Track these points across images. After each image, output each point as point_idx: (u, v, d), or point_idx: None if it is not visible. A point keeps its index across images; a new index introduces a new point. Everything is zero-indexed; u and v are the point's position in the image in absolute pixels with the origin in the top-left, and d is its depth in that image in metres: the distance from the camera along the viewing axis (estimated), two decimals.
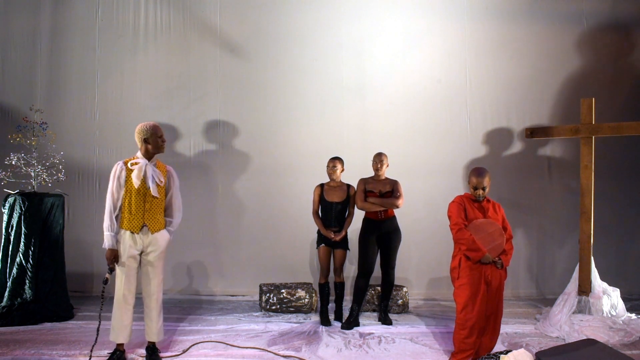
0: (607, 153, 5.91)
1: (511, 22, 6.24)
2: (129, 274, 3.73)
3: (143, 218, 3.74)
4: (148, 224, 3.76)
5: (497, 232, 3.82)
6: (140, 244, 3.75)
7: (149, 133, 3.76)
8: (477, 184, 3.86)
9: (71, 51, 6.22)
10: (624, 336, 4.45)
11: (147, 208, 3.75)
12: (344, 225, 4.98)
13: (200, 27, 6.24)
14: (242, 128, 6.21)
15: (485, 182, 3.86)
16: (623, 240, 6.24)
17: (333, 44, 6.24)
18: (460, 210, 3.89)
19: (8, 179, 4.95)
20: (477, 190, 3.87)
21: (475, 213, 3.89)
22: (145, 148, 3.79)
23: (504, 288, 3.92)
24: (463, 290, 3.80)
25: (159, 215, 3.83)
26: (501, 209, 4.02)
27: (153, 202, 3.77)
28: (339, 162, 5.01)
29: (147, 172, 3.75)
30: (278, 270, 6.04)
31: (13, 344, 4.17)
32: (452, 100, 6.23)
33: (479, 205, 3.93)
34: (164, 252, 3.87)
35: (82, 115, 6.18)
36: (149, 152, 3.80)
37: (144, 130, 3.77)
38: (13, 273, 4.85)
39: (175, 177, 3.97)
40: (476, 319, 3.76)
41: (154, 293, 3.83)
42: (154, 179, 3.76)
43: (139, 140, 3.79)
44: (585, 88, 6.05)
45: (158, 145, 3.81)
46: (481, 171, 3.89)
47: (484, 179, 3.85)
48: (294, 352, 4.10)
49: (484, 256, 3.75)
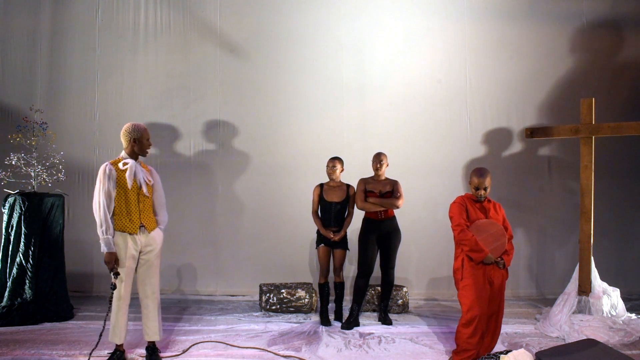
0: (607, 153, 5.91)
1: (511, 22, 6.24)
2: (128, 274, 3.70)
3: (140, 218, 3.73)
4: (145, 223, 3.76)
5: (499, 233, 3.82)
6: (139, 244, 3.73)
7: (140, 134, 3.72)
8: (478, 184, 3.85)
9: (71, 51, 6.22)
10: (624, 336, 4.45)
11: (142, 208, 3.74)
12: (343, 225, 4.98)
13: (200, 27, 6.24)
14: (242, 128, 6.21)
15: (486, 183, 3.85)
16: (623, 240, 6.24)
17: (333, 44, 6.24)
18: (462, 210, 3.88)
19: (8, 179, 4.95)
20: (478, 190, 3.86)
21: (477, 213, 3.88)
22: (131, 148, 3.73)
23: (505, 288, 3.92)
24: (468, 290, 3.79)
25: (151, 214, 3.84)
26: (502, 209, 4.01)
27: (146, 202, 3.78)
28: (338, 162, 5.01)
29: (137, 171, 3.72)
30: (278, 270, 6.05)
31: (13, 344, 4.17)
32: (452, 100, 6.23)
33: (480, 205, 3.92)
34: (160, 251, 3.87)
35: (82, 115, 6.19)
36: (134, 153, 3.75)
37: (135, 130, 3.71)
38: (13, 273, 4.85)
39: (157, 176, 3.95)
40: (481, 319, 3.76)
41: (153, 292, 3.82)
42: (144, 178, 3.75)
43: (127, 139, 3.72)
44: (585, 88, 6.04)
45: (144, 147, 3.77)
46: (483, 171, 3.89)
47: (485, 179, 3.85)
48: (294, 352, 4.09)
49: (487, 257, 3.75)
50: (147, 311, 3.84)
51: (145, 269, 3.80)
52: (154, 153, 6.18)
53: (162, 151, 6.20)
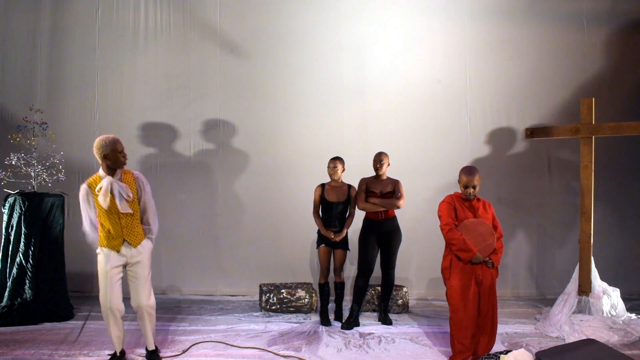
0: (607, 153, 5.91)
1: (511, 22, 6.23)
2: (112, 285, 3.62)
3: (122, 235, 3.63)
4: (128, 239, 3.64)
5: (488, 232, 3.82)
6: (124, 257, 3.66)
7: (108, 149, 3.55)
8: (467, 182, 3.86)
9: (71, 51, 6.22)
10: (624, 336, 4.45)
11: (124, 224, 3.63)
12: (344, 226, 4.98)
13: (200, 27, 6.23)
14: (242, 128, 6.21)
15: (475, 181, 3.86)
16: (623, 240, 6.23)
17: (333, 44, 6.24)
18: (450, 209, 3.89)
19: (8, 179, 4.96)
20: (467, 188, 3.87)
21: (466, 212, 3.89)
22: (105, 164, 3.60)
23: (496, 287, 3.91)
24: (454, 291, 3.82)
25: (137, 227, 3.69)
26: (491, 208, 4.02)
27: (128, 217, 3.64)
28: (339, 163, 5.01)
29: (114, 190, 3.56)
30: (278, 270, 6.04)
31: (13, 344, 4.17)
32: (452, 100, 6.23)
33: (469, 204, 3.93)
34: (149, 261, 3.75)
35: (82, 115, 6.18)
36: (109, 168, 3.61)
37: (102, 146, 3.55)
38: (13, 273, 4.85)
39: (144, 182, 3.77)
40: (469, 320, 3.76)
41: (143, 302, 3.71)
42: (122, 195, 3.57)
43: (99, 156, 3.58)
44: (585, 88, 6.04)
45: (118, 160, 3.60)
46: (471, 170, 3.90)
47: (474, 177, 3.85)
48: (294, 352, 4.10)
49: (475, 256, 3.75)
50: (141, 321, 3.78)
51: (133, 280, 3.71)
52: (153, 153, 6.18)
53: (162, 151, 6.20)
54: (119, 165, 3.63)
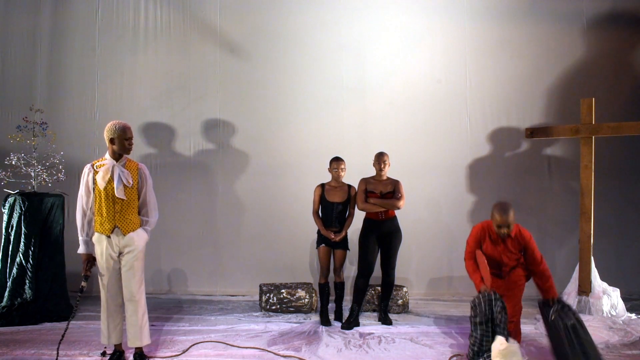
0: (607, 153, 5.91)
1: (511, 22, 6.23)
2: (110, 275, 3.67)
3: (114, 220, 3.63)
4: (119, 225, 3.65)
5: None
6: (116, 246, 3.67)
7: (115, 134, 3.62)
8: (501, 222, 3.42)
9: (71, 51, 6.22)
10: (624, 336, 4.45)
11: (117, 210, 3.64)
12: (344, 226, 4.98)
13: (200, 27, 6.24)
14: (241, 128, 6.21)
15: (510, 219, 3.41)
16: (623, 240, 6.23)
17: (333, 44, 6.24)
18: (476, 242, 3.74)
19: (8, 179, 4.96)
20: (501, 228, 3.47)
21: (490, 248, 3.64)
22: (111, 149, 3.66)
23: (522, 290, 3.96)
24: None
25: (131, 215, 3.69)
26: (524, 239, 3.68)
27: (123, 204, 3.65)
28: (343, 163, 5.00)
29: (115, 173, 3.62)
30: (278, 270, 6.04)
31: (13, 344, 4.17)
32: (452, 100, 6.22)
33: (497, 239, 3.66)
34: (141, 252, 3.74)
35: (82, 115, 6.19)
36: (115, 153, 3.67)
37: (111, 129, 3.63)
38: (13, 273, 4.85)
39: (147, 175, 3.80)
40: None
41: (133, 295, 3.68)
42: (121, 180, 3.62)
43: (107, 139, 3.65)
44: (585, 88, 6.04)
45: (124, 147, 3.65)
46: (505, 207, 3.43)
47: (508, 216, 3.40)
48: (294, 352, 4.09)
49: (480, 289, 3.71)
50: (129, 315, 3.73)
51: (124, 271, 3.69)
52: (153, 153, 6.18)
53: (162, 151, 6.20)
54: (123, 152, 3.68)
